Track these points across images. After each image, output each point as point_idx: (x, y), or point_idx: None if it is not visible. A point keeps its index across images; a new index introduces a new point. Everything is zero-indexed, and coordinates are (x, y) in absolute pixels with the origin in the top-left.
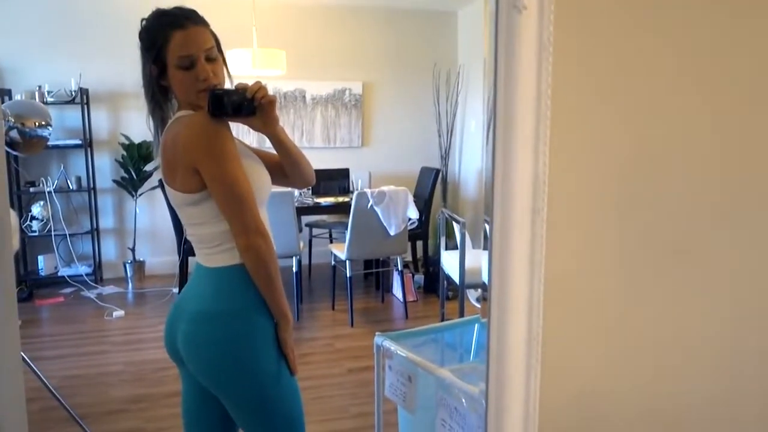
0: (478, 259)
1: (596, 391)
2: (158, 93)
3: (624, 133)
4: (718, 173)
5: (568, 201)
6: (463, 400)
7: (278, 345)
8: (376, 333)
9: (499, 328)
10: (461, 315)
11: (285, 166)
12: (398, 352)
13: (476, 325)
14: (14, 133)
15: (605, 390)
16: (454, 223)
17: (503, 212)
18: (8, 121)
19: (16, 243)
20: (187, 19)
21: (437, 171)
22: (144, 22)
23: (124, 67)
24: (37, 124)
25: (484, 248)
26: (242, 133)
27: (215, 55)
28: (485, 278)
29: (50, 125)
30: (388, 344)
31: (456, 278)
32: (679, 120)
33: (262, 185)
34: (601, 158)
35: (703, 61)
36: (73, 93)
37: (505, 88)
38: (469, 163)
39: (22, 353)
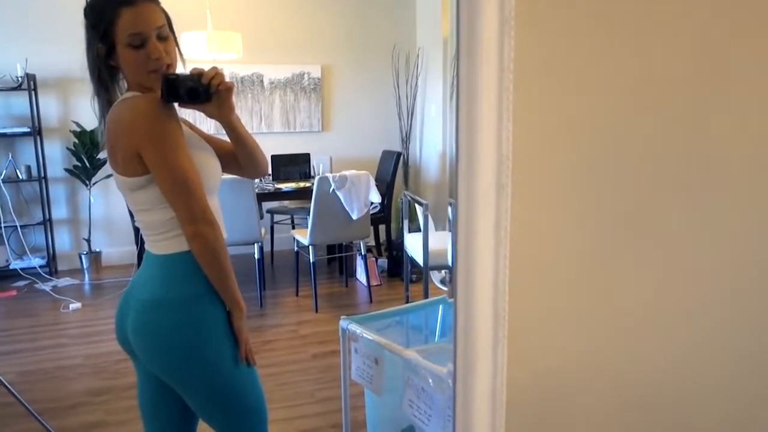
0: (441, 241)
1: (563, 366)
2: (105, 73)
3: (588, 106)
4: (688, 145)
5: (533, 176)
6: (430, 380)
7: (233, 334)
8: (341, 317)
9: (465, 304)
10: (426, 297)
11: (238, 155)
12: (364, 335)
13: (441, 306)
14: None
15: (572, 366)
16: (417, 206)
17: (468, 188)
18: None
19: None
20: None
21: (398, 154)
22: None
23: (72, 52)
24: None
25: (449, 230)
26: (199, 119)
27: (166, 34)
28: (450, 258)
29: None
30: (354, 327)
31: (420, 261)
32: (645, 90)
33: (211, 173)
34: (566, 131)
35: (667, 29)
36: (19, 79)
37: (467, 63)
38: (431, 146)
39: None
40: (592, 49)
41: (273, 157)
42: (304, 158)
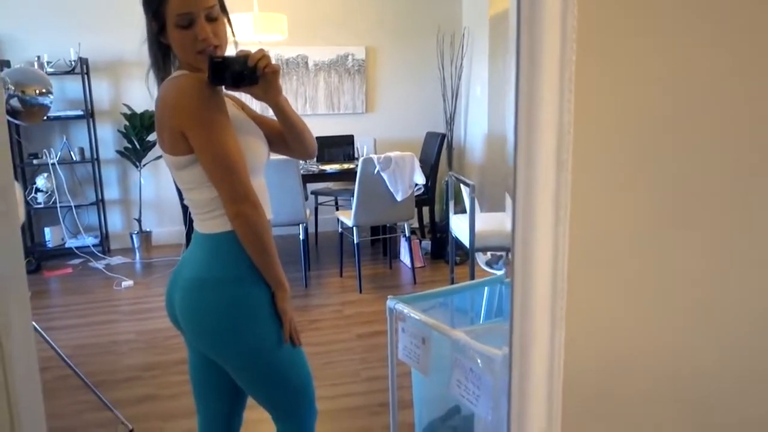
0: (487, 223)
1: (624, 349)
2: (158, 51)
3: (653, 82)
4: (755, 124)
5: (595, 152)
6: (479, 361)
7: (277, 314)
8: (389, 297)
9: (522, 283)
10: (471, 279)
11: (287, 136)
12: (411, 314)
13: (486, 288)
14: (15, 102)
15: (633, 348)
16: (462, 187)
17: (526, 164)
18: (8, 89)
19: (21, 215)
20: None
21: (443, 136)
22: None
23: (123, 36)
24: (37, 91)
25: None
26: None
27: (217, 15)
28: (508, 232)
29: (51, 93)
30: (401, 307)
31: (465, 242)
32: (712, 69)
33: (256, 154)
34: (630, 108)
35: (737, 9)
36: (73, 63)
37: (528, 32)
38: (475, 128)
39: (33, 323)
40: (661, 22)
41: (317, 138)
42: (348, 140)
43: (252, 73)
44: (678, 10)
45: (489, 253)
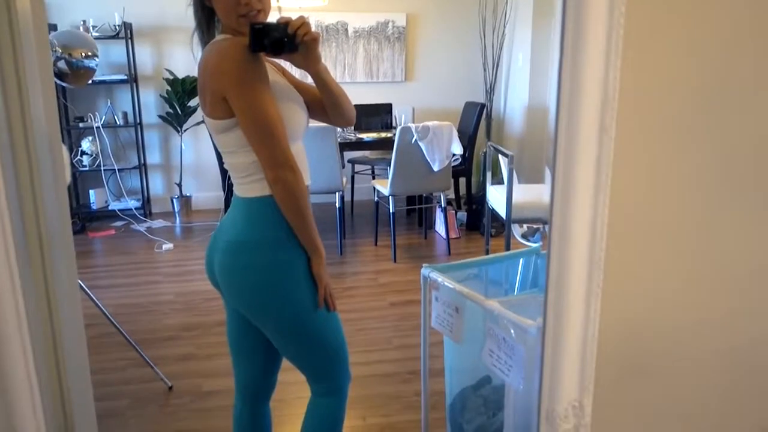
0: (524, 194)
1: (660, 323)
2: (202, 14)
3: (703, 52)
4: None
5: (639, 121)
6: (512, 331)
7: (313, 279)
8: (423, 265)
9: (559, 251)
10: (507, 251)
11: (326, 104)
12: (445, 283)
13: (522, 260)
14: (62, 64)
15: (670, 323)
16: (500, 158)
17: (568, 129)
18: (55, 51)
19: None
20: None
21: (482, 106)
22: None
23: (166, 1)
24: (83, 54)
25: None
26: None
27: None
28: (546, 204)
29: (96, 56)
30: (435, 275)
31: (502, 213)
32: (763, 43)
33: (296, 120)
34: (678, 78)
35: None
36: (117, 27)
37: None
38: (515, 99)
39: (79, 281)
40: None
41: (355, 107)
42: (386, 108)
43: (292, 40)
44: None
45: (525, 226)
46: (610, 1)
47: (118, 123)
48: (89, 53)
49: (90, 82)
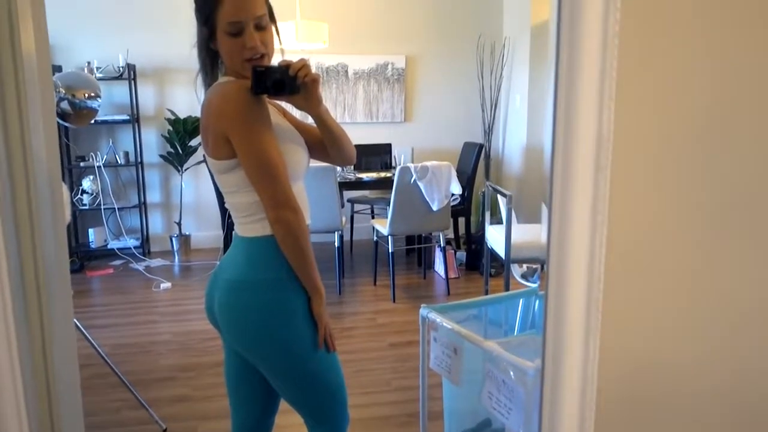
0: (522, 234)
1: (660, 363)
2: (206, 56)
3: (696, 91)
4: None
5: (634, 159)
6: (511, 373)
7: (313, 319)
8: (422, 305)
9: (557, 292)
10: (506, 291)
11: (327, 144)
12: (444, 323)
13: (521, 300)
14: (65, 104)
15: (669, 362)
16: (499, 197)
17: (564, 169)
18: (59, 92)
19: (67, 216)
20: None
21: (480, 146)
22: None
23: (170, 43)
24: (86, 95)
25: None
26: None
27: (266, 24)
28: (545, 244)
29: (99, 96)
30: (434, 316)
31: (501, 253)
32: (755, 75)
33: (297, 161)
34: (671, 114)
35: None
36: (121, 69)
37: (569, 36)
38: (514, 139)
39: (75, 320)
40: (705, 26)
41: (355, 147)
42: (386, 148)
43: (293, 81)
44: (721, 17)
45: (525, 266)
46: (603, 42)
47: (119, 162)
48: (92, 94)
49: (92, 122)
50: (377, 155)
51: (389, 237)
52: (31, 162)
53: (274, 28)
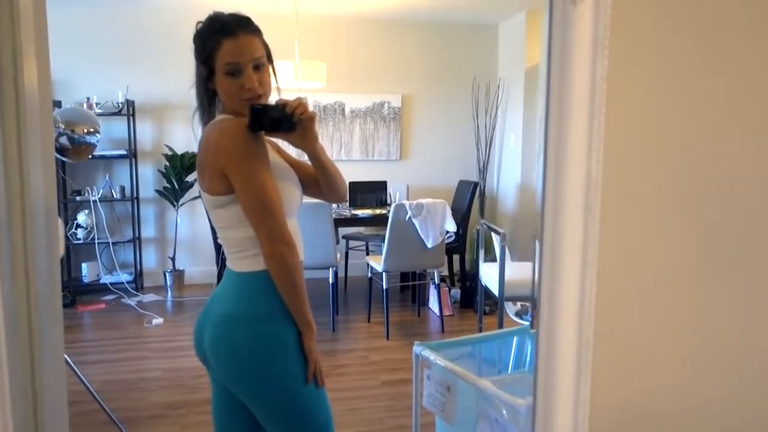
0: (517, 272)
1: (652, 401)
2: (204, 95)
3: (683, 131)
4: None
5: (623, 201)
6: (504, 412)
7: (303, 354)
8: (415, 342)
9: (548, 331)
10: (500, 328)
11: (320, 182)
12: (437, 361)
13: (515, 338)
14: (64, 140)
15: (662, 401)
16: (493, 235)
17: (554, 210)
18: (58, 127)
19: (61, 250)
20: (239, 27)
21: (475, 184)
22: (198, 26)
23: (169, 80)
24: (85, 131)
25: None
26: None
27: (264, 64)
28: (535, 282)
29: (98, 132)
30: (427, 354)
31: (495, 291)
32: (744, 119)
33: (291, 198)
34: (659, 157)
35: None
36: (120, 105)
37: (559, 83)
38: (508, 177)
39: (65, 356)
40: (691, 75)
41: (351, 184)
42: (381, 186)
43: (289, 119)
44: (707, 63)
45: (519, 304)
46: (591, 87)
47: (115, 197)
48: (91, 129)
49: (90, 156)
50: (373, 192)
51: (384, 273)
52: (28, 195)
53: (271, 68)
